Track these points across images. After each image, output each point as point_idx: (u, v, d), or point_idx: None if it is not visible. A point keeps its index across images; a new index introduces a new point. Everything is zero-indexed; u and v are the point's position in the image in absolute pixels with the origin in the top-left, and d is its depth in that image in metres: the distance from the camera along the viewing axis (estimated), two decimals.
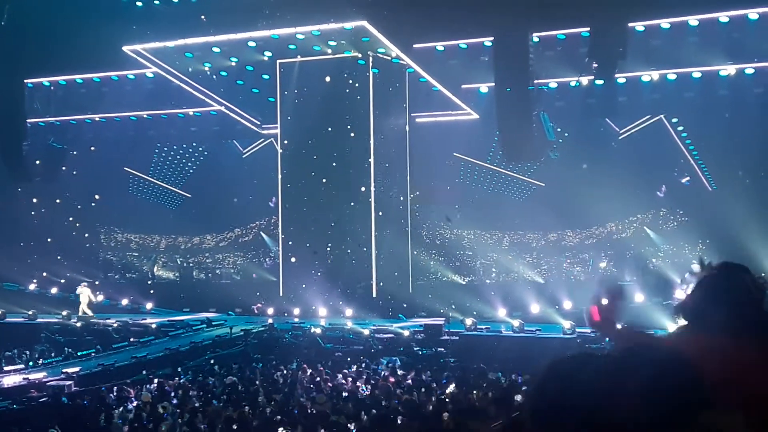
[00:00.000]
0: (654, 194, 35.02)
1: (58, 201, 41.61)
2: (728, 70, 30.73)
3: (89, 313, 31.66)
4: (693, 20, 28.58)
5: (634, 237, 34.87)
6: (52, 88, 38.34)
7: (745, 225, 28.78)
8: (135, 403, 18.51)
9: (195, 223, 41.79)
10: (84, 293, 32.20)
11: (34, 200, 42.07)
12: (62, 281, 37.93)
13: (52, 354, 27.09)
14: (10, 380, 22.09)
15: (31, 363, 25.36)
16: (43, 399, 20.34)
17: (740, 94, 31.00)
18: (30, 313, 31.86)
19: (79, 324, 30.30)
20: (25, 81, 36.48)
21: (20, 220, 41.19)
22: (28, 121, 37.07)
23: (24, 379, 22.20)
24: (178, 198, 42.88)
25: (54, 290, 36.96)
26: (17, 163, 36.77)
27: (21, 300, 34.27)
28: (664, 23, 28.92)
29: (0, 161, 36.89)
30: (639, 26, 28.69)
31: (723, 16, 28.27)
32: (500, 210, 36.79)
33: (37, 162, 38.11)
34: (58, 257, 40.54)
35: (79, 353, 26.35)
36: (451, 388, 18.56)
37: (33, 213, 42.07)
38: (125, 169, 42.41)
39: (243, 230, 42.02)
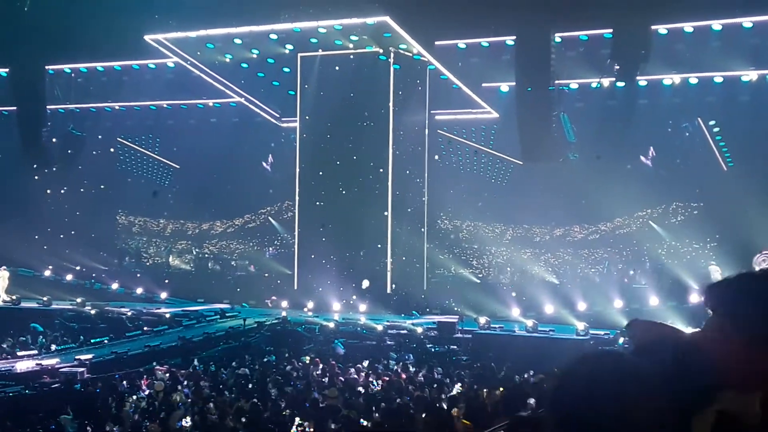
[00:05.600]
0: (666, 188, 34.36)
1: (63, 190, 41.55)
2: (750, 75, 30.55)
3: (3, 297, 32.09)
4: (717, 24, 28.43)
5: (638, 232, 34.51)
6: (72, 75, 38.41)
7: (758, 226, 28.44)
8: (147, 392, 18.56)
9: (205, 209, 41.75)
10: (3, 276, 32.42)
11: (49, 190, 42.06)
12: (77, 268, 38.08)
13: (67, 340, 27.22)
14: (24, 365, 22.20)
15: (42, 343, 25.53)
16: (56, 385, 20.41)
17: (762, 101, 30.77)
18: (45, 299, 32.02)
19: (93, 311, 30.39)
20: (46, 67, 36.61)
21: (36, 205, 41.27)
22: (48, 107, 37.17)
23: (37, 364, 22.30)
24: (171, 171, 42.55)
25: (69, 277, 37.09)
26: (36, 149, 36.89)
27: (36, 286, 34.42)
28: (688, 27, 28.75)
29: (19, 147, 37.03)
30: (662, 29, 28.50)
31: (747, 22, 28.10)
32: (511, 204, 36.26)
33: (56, 148, 38.23)
34: (71, 243, 40.53)
35: (92, 340, 26.43)
36: (458, 387, 18.55)
37: (49, 199, 42.10)
38: (118, 139, 42.13)
39: (252, 216, 41.85)
